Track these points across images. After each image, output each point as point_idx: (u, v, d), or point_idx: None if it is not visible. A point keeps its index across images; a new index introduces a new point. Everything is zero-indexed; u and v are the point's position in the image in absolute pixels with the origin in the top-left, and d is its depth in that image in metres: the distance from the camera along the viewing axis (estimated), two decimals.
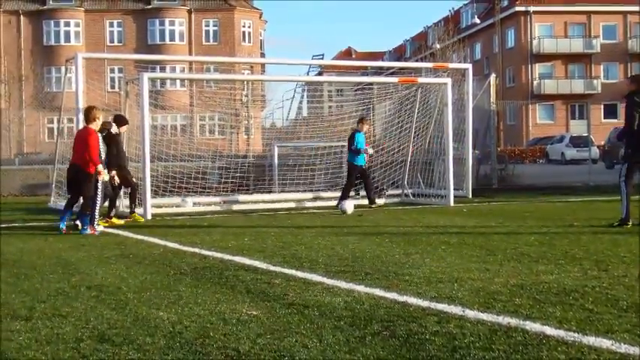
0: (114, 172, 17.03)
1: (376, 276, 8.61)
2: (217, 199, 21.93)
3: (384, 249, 11.16)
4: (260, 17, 75.90)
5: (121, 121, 17.82)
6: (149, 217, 17.89)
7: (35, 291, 8.20)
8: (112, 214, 16.97)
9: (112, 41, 70.79)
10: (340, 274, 8.77)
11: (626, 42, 75.76)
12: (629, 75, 72.22)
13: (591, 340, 5.63)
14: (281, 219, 17.63)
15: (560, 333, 5.83)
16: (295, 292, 7.71)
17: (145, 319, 6.64)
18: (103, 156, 15.34)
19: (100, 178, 14.80)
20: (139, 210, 17.89)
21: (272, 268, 9.42)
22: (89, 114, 14.95)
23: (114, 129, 17.02)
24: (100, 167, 14.64)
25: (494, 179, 27.79)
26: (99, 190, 15.00)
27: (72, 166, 14.96)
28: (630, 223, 13.46)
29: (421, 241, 12.08)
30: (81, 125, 15.91)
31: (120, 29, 71.34)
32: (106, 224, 15.95)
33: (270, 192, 23.91)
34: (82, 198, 14.78)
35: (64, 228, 14.63)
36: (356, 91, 30.24)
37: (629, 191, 13.75)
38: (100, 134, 15.26)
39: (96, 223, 14.94)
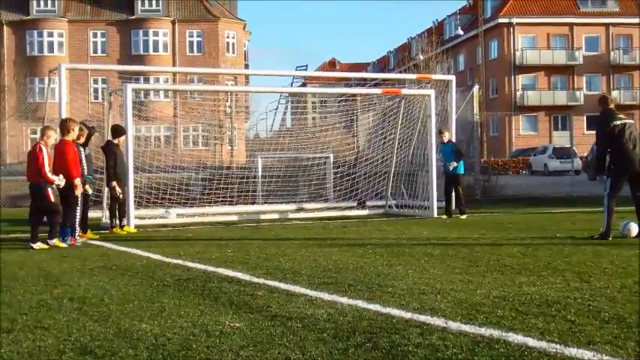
0: (114, 183, 17.09)
1: (359, 287, 8.62)
2: (201, 210, 21.89)
3: (367, 260, 11.17)
4: (244, 28, 75.90)
5: (117, 131, 17.86)
6: (132, 228, 17.85)
7: (17, 303, 8.17)
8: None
9: (95, 52, 70.62)
10: (323, 286, 8.77)
11: (609, 54, 76.08)
12: (611, 87, 72.99)
13: (573, 351, 5.65)
14: (264, 230, 17.63)
15: (543, 344, 5.85)
16: (278, 304, 7.71)
17: (128, 331, 6.63)
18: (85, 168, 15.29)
19: (78, 191, 14.69)
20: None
21: (255, 279, 9.42)
22: (65, 126, 14.94)
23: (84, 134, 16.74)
24: (78, 181, 14.55)
25: (477, 190, 27.86)
26: (78, 200, 14.95)
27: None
28: (610, 237, 13.48)
29: (404, 253, 12.10)
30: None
31: (103, 40, 71.18)
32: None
33: (253, 203, 23.89)
34: (62, 210, 14.66)
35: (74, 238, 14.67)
36: (339, 102, 30.28)
37: (611, 206, 13.75)
38: (79, 145, 15.28)
39: (77, 234, 14.90)
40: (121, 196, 17.36)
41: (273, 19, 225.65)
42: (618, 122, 13.74)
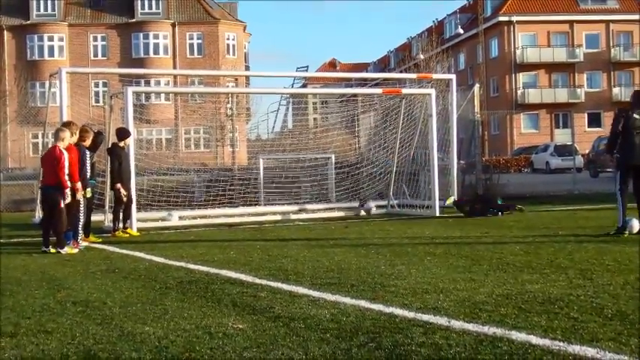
0: (119, 185, 17.16)
1: (362, 287, 8.62)
2: (203, 212, 21.88)
3: (369, 260, 11.17)
4: (244, 30, 75.94)
5: (122, 134, 17.91)
6: (135, 231, 17.86)
7: (20, 307, 8.17)
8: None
9: (96, 55, 70.65)
10: (326, 287, 8.77)
11: (609, 51, 76.07)
12: (612, 84, 72.99)
13: (576, 348, 5.65)
14: (267, 232, 17.63)
15: (546, 342, 5.85)
16: (281, 305, 7.71)
17: (131, 334, 6.63)
18: (88, 171, 15.29)
19: (79, 195, 14.63)
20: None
21: (258, 281, 9.42)
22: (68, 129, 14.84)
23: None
24: (79, 185, 14.50)
25: (479, 189, 27.81)
26: (81, 205, 14.92)
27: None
28: (627, 232, 13.44)
29: (407, 252, 12.10)
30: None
31: (104, 43, 71.22)
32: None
33: (255, 205, 23.88)
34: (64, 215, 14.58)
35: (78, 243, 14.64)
36: (340, 102, 30.29)
37: (624, 200, 13.73)
38: (84, 147, 15.24)
39: (79, 238, 14.88)
40: (125, 198, 17.39)
41: (274, 20, 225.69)
42: (637, 116, 13.67)
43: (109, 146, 18.33)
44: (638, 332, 6.09)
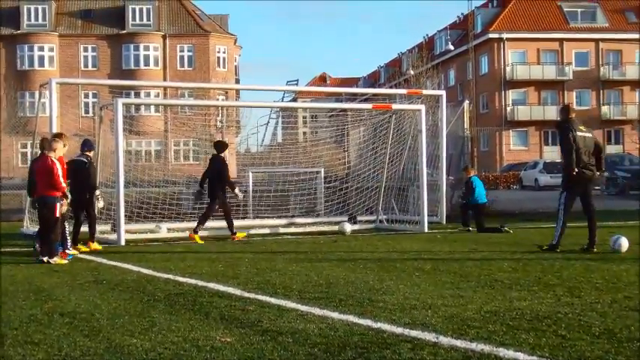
0: (237, 190, 19.20)
1: (350, 302, 8.62)
2: (191, 224, 21.82)
3: (358, 275, 11.16)
4: (235, 43, 75.96)
5: (223, 146, 19.63)
6: (123, 242, 17.82)
7: (7, 318, 8.14)
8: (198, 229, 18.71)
9: (86, 66, 70.56)
10: (314, 301, 8.76)
11: (598, 69, 76.30)
12: (601, 102, 73.30)
13: None
14: (255, 245, 17.61)
15: (534, 359, 5.85)
16: (269, 319, 7.70)
17: (119, 346, 6.61)
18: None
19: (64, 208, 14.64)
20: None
21: (246, 294, 9.40)
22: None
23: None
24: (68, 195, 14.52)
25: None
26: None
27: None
28: (559, 250, 13.75)
29: (395, 268, 12.09)
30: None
31: (94, 54, 71.13)
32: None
33: (244, 218, 23.83)
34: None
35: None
36: (330, 116, 30.30)
37: (565, 219, 14.02)
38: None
39: (68, 247, 14.85)
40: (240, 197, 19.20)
41: (265, 33, 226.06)
42: (579, 134, 14.01)
43: (212, 157, 19.45)
44: (626, 350, 6.10)
